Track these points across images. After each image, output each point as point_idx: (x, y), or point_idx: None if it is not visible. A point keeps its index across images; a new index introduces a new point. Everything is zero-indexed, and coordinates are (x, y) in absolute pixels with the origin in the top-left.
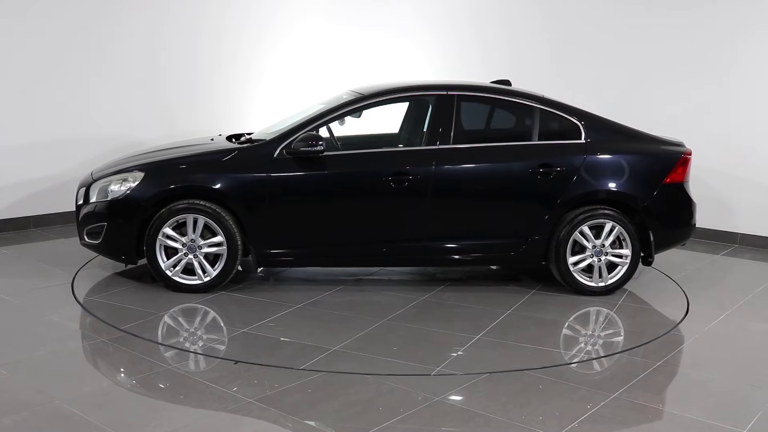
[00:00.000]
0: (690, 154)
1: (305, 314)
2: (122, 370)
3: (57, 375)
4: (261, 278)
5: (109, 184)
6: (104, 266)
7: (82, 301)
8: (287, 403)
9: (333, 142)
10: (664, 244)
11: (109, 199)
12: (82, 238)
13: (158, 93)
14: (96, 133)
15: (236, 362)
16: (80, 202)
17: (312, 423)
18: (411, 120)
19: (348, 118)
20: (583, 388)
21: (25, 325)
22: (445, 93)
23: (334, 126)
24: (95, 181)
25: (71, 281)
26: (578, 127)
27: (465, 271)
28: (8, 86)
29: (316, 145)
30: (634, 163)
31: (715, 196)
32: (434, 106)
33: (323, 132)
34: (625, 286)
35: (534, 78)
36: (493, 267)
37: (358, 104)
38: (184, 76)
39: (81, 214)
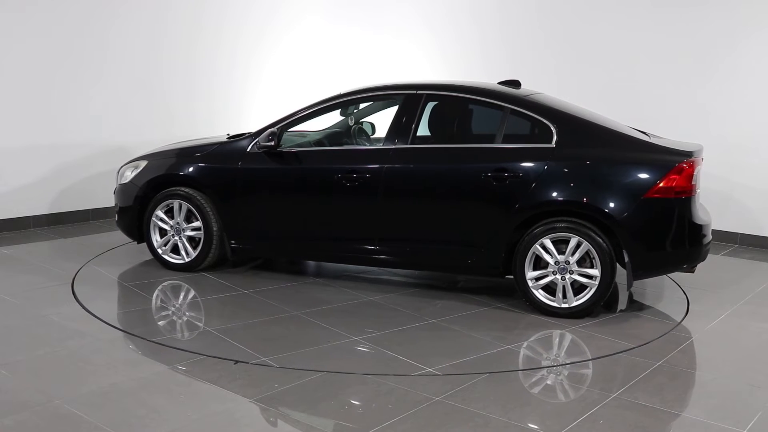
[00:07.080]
0: (687, 165)
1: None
2: (122, 370)
3: (57, 375)
4: (234, 263)
5: (126, 170)
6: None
7: (82, 301)
8: (287, 403)
9: (354, 139)
10: (650, 268)
11: (122, 183)
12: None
13: (158, 94)
14: (95, 134)
15: (236, 362)
16: (116, 185)
17: (312, 423)
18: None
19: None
20: (583, 388)
21: (25, 325)
22: (414, 92)
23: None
24: (122, 167)
25: (71, 281)
26: (550, 130)
27: (467, 278)
28: (8, 87)
29: (271, 141)
30: (609, 171)
31: (715, 197)
32: (401, 105)
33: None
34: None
35: (534, 78)
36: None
37: (330, 102)
38: (183, 76)
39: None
